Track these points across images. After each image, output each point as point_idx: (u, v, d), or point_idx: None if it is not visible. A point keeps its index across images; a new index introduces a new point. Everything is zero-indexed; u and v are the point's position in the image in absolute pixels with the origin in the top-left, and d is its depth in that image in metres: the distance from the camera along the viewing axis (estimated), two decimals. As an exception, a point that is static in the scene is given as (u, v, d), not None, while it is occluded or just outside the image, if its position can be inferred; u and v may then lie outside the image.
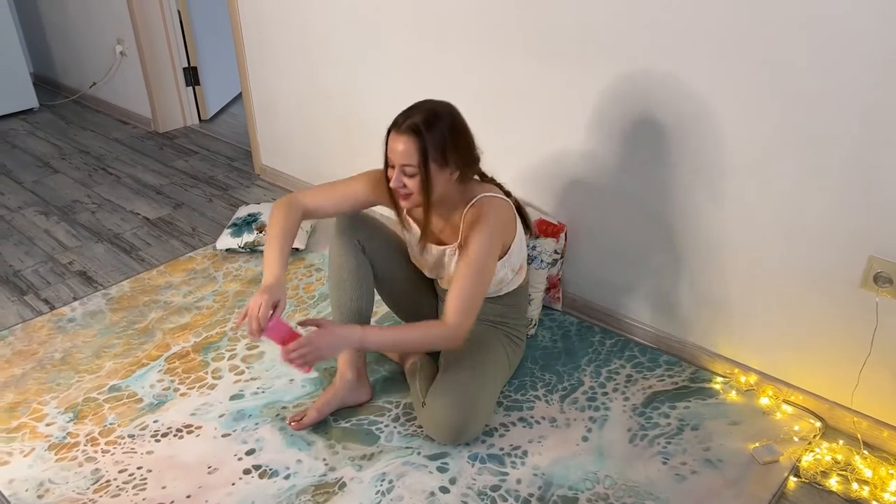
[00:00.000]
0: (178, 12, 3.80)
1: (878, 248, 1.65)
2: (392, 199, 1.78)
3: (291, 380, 2.02)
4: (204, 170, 3.50)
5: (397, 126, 1.64)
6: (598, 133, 2.04)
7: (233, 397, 1.96)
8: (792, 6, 1.58)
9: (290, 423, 1.86)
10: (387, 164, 1.70)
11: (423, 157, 1.61)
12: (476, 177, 1.80)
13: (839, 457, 1.76)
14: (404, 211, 1.84)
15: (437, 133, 1.62)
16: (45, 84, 4.75)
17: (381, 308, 2.24)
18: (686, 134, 1.87)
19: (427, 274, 1.94)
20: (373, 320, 2.14)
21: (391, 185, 1.69)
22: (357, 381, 1.90)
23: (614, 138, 2.02)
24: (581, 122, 2.07)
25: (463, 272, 1.67)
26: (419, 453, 1.77)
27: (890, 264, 1.64)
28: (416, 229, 1.84)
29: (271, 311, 1.63)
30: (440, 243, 1.83)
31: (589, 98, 2.02)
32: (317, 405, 1.87)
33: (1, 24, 4.03)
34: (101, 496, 1.66)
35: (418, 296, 2.02)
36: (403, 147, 1.62)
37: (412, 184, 1.65)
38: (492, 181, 1.84)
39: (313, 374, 2.04)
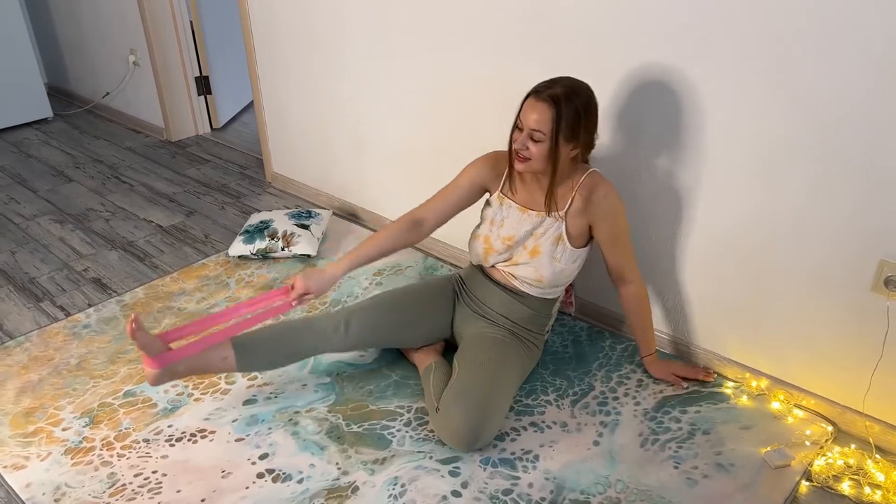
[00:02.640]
0: (191, 23, 3.84)
1: (889, 252, 1.66)
2: (501, 167, 1.94)
3: (304, 385, 2.04)
4: (216, 178, 3.53)
5: (538, 93, 1.72)
6: (601, 136, 2.05)
7: (246, 402, 1.98)
8: (803, 12, 1.59)
9: None
10: (514, 127, 1.78)
11: (556, 127, 1.70)
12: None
13: (851, 461, 1.76)
14: (505, 184, 1.95)
15: (573, 108, 1.70)
16: (59, 94, 4.81)
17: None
18: (693, 137, 1.88)
19: (493, 258, 1.96)
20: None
21: (515, 145, 1.77)
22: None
23: (618, 141, 2.03)
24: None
25: (624, 242, 1.91)
26: (431, 457, 1.78)
27: (900, 268, 1.64)
28: (512, 204, 1.92)
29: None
30: (531, 210, 1.90)
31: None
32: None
33: (16, 35, 4.09)
34: (117, 500, 1.68)
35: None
36: (539, 115, 1.71)
37: (535, 150, 1.74)
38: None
39: (326, 379, 2.06)
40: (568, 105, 1.70)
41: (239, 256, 2.70)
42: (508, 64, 2.20)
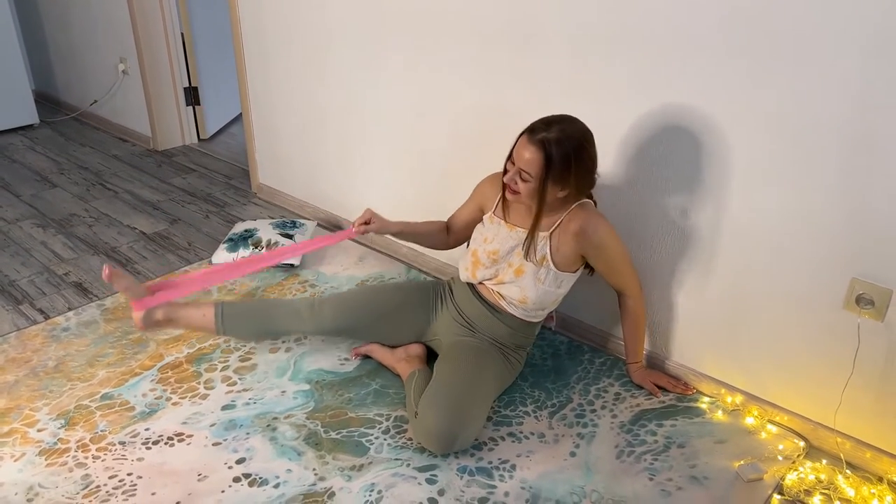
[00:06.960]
0: (182, 33, 3.87)
1: (860, 271, 1.70)
2: (498, 189, 1.96)
3: (283, 391, 2.04)
4: (201, 187, 3.54)
5: (532, 133, 1.75)
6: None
7: (224, 407, 1.98)
8: (782, 46, 1.64)
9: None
10: (509, 158, 1.82)
11: (543, 173, 1.74)
12: None
13: (822, 476, 1.78)
14: (498, 205, 1.99)
15: (563, 155, 1.73)
16: (46, 101, 4.81)
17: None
18: (671, 159, 1.92)
19: (480, 273, 1.98)
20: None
21: (505, 178, 1.82)
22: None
23: (600, 163, 2.06)
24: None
25: (619, 267, 1.95)
26: (408, 465, 1.79)
27: (871, 286, 1.68)
28: (501, 223, 1.97)
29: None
30: (518, 227, 1.94)
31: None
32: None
33: (4, 41, 4.09)
34: (90, 501, 1.66)
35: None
36: (529, 156, 1.74)
37: (523, 187, 1.78)
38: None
39: (305, 386, 2.06)
40: (559, 151, 1.71)
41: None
42: (498, 83, 2.24)
